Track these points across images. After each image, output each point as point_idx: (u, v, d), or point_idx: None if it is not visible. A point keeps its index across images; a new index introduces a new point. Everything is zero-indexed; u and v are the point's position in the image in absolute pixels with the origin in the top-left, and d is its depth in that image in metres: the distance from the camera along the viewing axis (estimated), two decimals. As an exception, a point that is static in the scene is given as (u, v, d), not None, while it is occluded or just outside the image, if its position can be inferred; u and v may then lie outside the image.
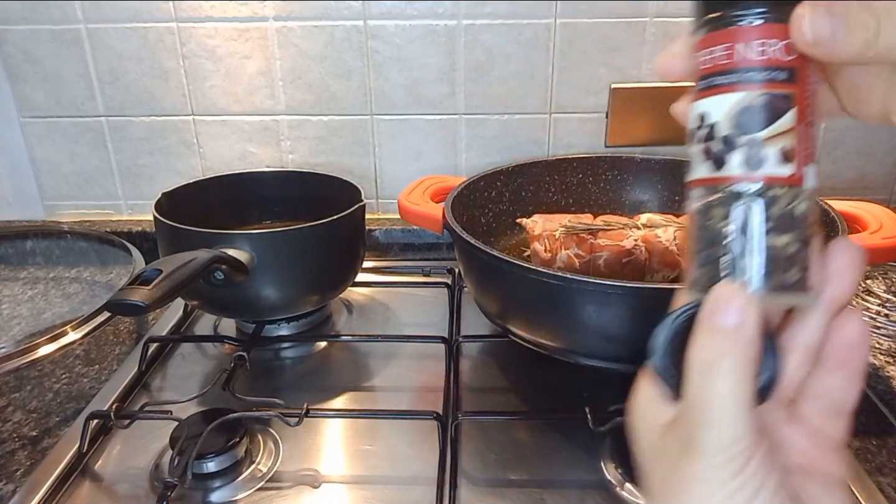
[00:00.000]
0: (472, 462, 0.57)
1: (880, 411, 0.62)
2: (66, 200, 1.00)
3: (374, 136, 0.95)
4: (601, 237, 0.66)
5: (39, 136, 0.96)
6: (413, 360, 0.72)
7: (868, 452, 0.57)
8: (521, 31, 0.88)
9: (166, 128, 0.95)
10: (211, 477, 0.55)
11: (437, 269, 0.89)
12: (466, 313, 0.79)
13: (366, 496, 0.54)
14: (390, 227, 0.96)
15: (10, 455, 0.58)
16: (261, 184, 0.86)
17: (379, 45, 0.90)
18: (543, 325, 0.59)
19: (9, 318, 0.80)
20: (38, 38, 0.90)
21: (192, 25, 0.89)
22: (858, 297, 0.80)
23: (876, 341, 0.73)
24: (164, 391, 0.68)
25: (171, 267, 0.54)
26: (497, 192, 0.80)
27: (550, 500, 0.53)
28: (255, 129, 0.95)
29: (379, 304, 0.84)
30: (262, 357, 0.73)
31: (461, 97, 0.92)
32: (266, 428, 0.61)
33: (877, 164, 0.96)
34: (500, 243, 0.80)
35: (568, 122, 0.94)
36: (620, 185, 0.85)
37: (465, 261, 0.66)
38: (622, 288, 0.52)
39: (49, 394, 0.66)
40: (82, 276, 0.90)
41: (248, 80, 0.92)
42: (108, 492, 0.55)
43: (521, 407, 0.65)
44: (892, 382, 0.66)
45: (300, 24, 0.89)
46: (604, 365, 0.57)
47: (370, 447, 0.59)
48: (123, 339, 0.77)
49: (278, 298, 0.69)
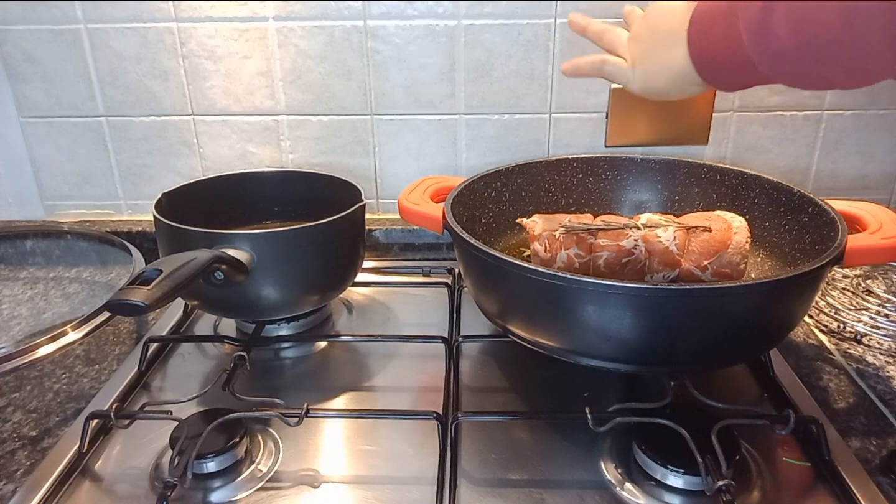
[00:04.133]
0: (472, 462, 0.57)
1: (880, 411, 0.62)
2: (66, 200, 1.00)
3: (374, 136, 0.95)
4: (601, 237, 0.66)
5: (39, 136, 0.95)
6: (413, 360, 0.72)
7: (868, 452, 0.57)
8: (521, 31, 0.88)
9: (166, 128, 0.95)
10: (211, 477, 0.55)
11: (437, 269, 0.89)
12: (466, 313, 0.79)
13: (366, 496, 0.54)
14: (390, 227, 0.96)
15: (10, 455, 0.58)
16: (261, 184, 0.86)
17: (379, 45, 0.89)
18: (543, 325, 0.59)
19: (9, 318, 0.80)
20: (38, 38, 0.90)
21: (192, 25, 0.89)
22: (858, 297, 0.80)
23: (876, 341, 0.73)
24: (164, 391, 0.68)
25: (171, 267, 0.54)
26: (497, 192, 0.80)
27: (550, 500, 0.53)
28: (255, 129, 0.95)
29: (379, 304, 0.84)
30: (262, 357, 0.73)
31: (461, 97, 0.92)
32: (266, 428, 0.61)
33: (877, 164, 0.96)
34: (500, 243, 0.80)
35: (568, 122, 0.94)
36: (620, 185, 0.85)
37: (465, 261, 0.66)
38: (622, 288, 0.52)
39: (49, 394, 0.66)
40: (82, 276, 0.90)
41: (248, 80, 0.92)
42: (108, 492, 0.55)
43: (521, 407, 0.65)
44: (892, 382, 0.66)
45: (300, 24, 0.89)
46: (604, 365, 0.57)
47: (370, 447, 0.59)
48: (123, 339, 0.77)
49: (278, 298, 0.69)
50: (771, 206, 0.74)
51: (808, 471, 0.56)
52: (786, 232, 0.72)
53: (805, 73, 0.47)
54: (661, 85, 0.57)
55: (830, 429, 0.59)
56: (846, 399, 0.64)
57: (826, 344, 0.73)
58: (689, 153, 0.94)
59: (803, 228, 0.69)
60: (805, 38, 0.44)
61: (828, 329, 0.75)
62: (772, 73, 0.48)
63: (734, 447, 0.53)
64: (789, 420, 0.55)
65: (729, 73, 0.52)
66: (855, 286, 0.83)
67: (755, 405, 0.64)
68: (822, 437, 0.56)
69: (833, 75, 0.46)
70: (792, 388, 0.64)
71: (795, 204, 0.71)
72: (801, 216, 0.69)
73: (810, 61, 0.45)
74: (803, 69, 0.46)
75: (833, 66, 0.45)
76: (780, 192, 0.73)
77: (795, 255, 0.69)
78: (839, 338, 0.74)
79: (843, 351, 0.71)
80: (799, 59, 0.45)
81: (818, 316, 0.78)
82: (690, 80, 0.54)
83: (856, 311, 0.77)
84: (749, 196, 0.77)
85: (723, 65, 0.51)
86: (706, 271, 0.66)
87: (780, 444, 0.58)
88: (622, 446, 0.58)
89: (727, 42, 0.49)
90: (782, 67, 0.47)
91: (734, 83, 0.54)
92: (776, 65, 0.47)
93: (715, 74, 0.53)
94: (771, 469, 0.56)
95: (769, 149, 0.95)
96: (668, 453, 0.53)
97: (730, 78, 0.53)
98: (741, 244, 0.66)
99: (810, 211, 0.68)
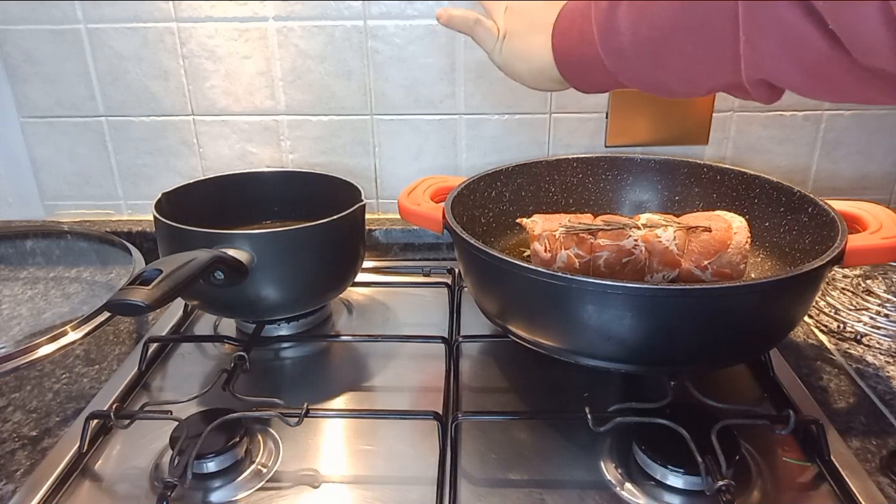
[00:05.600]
0: (472, 462, 0.57)
1: (880, 411, 0.62)
2: (66, 200, 1.00)
3: (374, 136, 0.95)
4: (601, 237, 0.66)
5: (39, 136, 0.96)
6: (413, 360, 0.72)
7: (868, 452, 0.57)
8: (521, 31, 0.88)
9: (166, 128, 0.95)
10: (211, 477, 0.55)
11: (437, 269, 0.89)
12: (466, 313, 0.79)
13: (366, 496, 0.54)
14: (390, 227, 0.96)
15: (10, 455, 0.58)
16: (261, 184, 0.86)
17: (379, 45, 0.89)
18: (543, 325, 0.59)
19: (9, 318, 0.80)
20: (38, 38, 0.90)
21: (192, 25, 0.89)
22: (858, 297, 0.80)
23: (876, 341, 0.73)
24: (164, 391, 0.68)
25: (171, 267, 0.54)
26: (497, 192, 0.80)
27: (550, 500, 0.53)
28: (255, 129, 0.95)
29: (379, 304, 0.84)
30: (262, 357, 0.73)
31: (461, 97, 0.92)
32: (266, 428, 0.61)
33: (877, 164, 0.96)
34: (500, 243, 0.80)
35: (568, 122, 0.94)
36: (620, 185, 0.85)
37: (465, 261, 0.66)
38: (622, 288, 0.52)
39: (49, 394, 0.66)
40: (82, 276, 0.90)
41: (248, 80, 0.92)
42: (108, 492, 0.55)
43: (521, 407, 0.65)
44: (892, 382, 0.66)
45: (300, 24, 0.89)
46: (604, 365, 0.57)
47: (370, 447, 0.59)
48: (123, 339, 0.77)
49: (278, 298, 0.69)
50: (771, 206, 0.74)
51: (808, 471, 0.56)
52: (786, 232, 0.72)
53: (643, 75, 0.48)
54: (520, 69, 0.58)
55: (830, 429, 0.59)
56: (846, 399, 0.64)
57: (826, 344, 0.73)
58: (689, 153, 0.94)
59: (803, 228, 0.69)
60: (640, 37, 0.45)
61: (828, 329, 0.75)
62: (615, 72, 0.49)
63: (734, 447, 0.53)
64: (789, 420, 0.55)
65: (584, 70, 0.53)
66: (855, 286, 0.83)
67: (755, 405, 0.64)
68: (822, 437, 0.56)
69: (668, 79, 0.47)
70: (792, 388, 0.64)
71: (795, 204, 0.71)
72: (801, 216, 0.69)
73: (647, 63, 0.46)
74: (641, 70, 0.47)
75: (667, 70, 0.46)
76: (780, 192, 0.73)
77: (795, 255, 0.69)
78: (839, 338, 0.74)
79: (843, 351, 0.71)
80: (637, 59, 0.46)
81: (818, 316, 0.78)
82: (550, 76, 0.56)
83: (856, 311, 0.77)
84: (749, 196, 0.77)
85: (578, 60, 0.52)
86: (706, 271, 0.66)
87: (780, 444, 0.58)
88: (622, 446, 0.58)
89: (582, 37, 0.50)
90: (623, 66, 0.48)
91: (588, 82, 0.54)
92: (618, 64, 0.48)
93: (571, 70, 0.54)
94: (771, 469, 0.56)
95: (769, 149, 0.95)
96: (668, 453, 0.53)
97: (584, 75, 0.53)
98: (741, 244, 0.66)
99: (810, 211, 0.68)
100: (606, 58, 0.48)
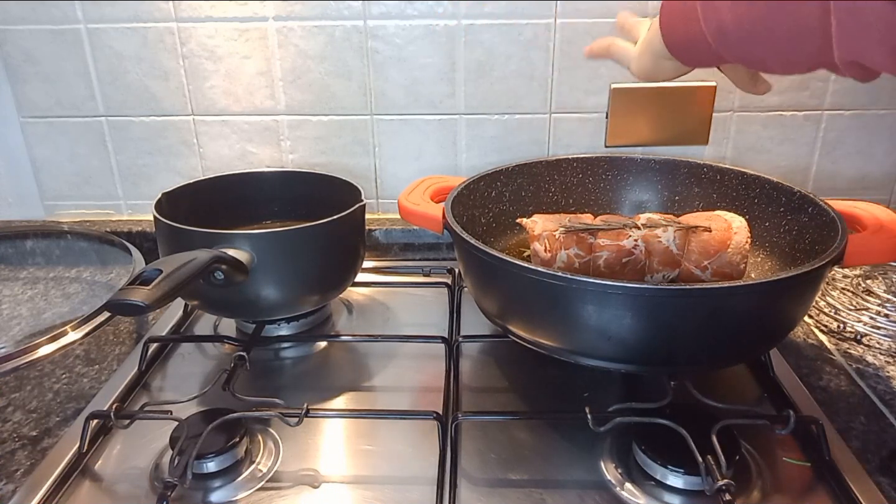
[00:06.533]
0: (472, 462, 0.57)
1: (880, 411, 0.62)
2: (66, 200, 1.00)
3: (374, 136, 0.95)
4: (601, 237, 0.66)
5: (39, 136, 0.96)
6: (413, 360, 0.72)
7: (868, 452, 0.57)
8: (521, 31, 0.88)
9: (166, 128, 0.95)
10: (211, 477, 0.55)
11: (437, 269, 0.89)
12: (466, 313, 0.79)
13: (366, 496, 0.54)
14: (390, 227, 0.96)
15: (10, 455, 0.58)
16: (261, 184, 0.86)
17: (379, 45, 0.89)
18: (543, 325, 0.59)
19: (9, 318, 0.80)
20: (38, 38, 0.90)
21: (192, 25, 0.89)
22: (858, 297, 0.80)
23: (876, 341, 0.73)
24: (164, 391, 0.68)
25: (171, 267, 0.54)
26: (497, 192, 0.80)
27: (550, 500, 0.53)
28: (255, 129, 0.95)
29: (379, 304, 0.84)
30: (262, 357, 0.73)
31: (461, 97, 0.92)
32: (266, 428, 0.61)
33: (877, 164, 0.96)
34: (500, 243, 0.80)
35: (568, 122, 0.94)
36: (620, 185, 0.85)
37: (465, 261, 0.66)
38: (622, 288, 0.52)
39: (49, 394, 0.66)
40: (82, 276, 0.90)
41: (248, 80, 0.92)
42: (108, 492, 0.55)
43: (521, 407, 0.65)
44: (892, 382, 0.66)
45: (300, 24, 0.89)
46: (604, 365, 0.57)
47: (370, 447, 0.59)
48: (123, 339, 0.77)
49: (278, 298, 0.69)
50: (771, 206, 0.74)
51: (808, 471, 0.56)
52: (786, 232, 0.72)
53: (743, 53, 0.49)
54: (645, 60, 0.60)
55: (830, 429, 0.59)
56: (846, 399, 0.64)
57: (826, 344, 0.73)
58: (689, 153, 0.94)
59: (803, 228, 0.69)
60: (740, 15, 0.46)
61: (828, 329, 0.75)
62: (718, 49, 0.50)
63: (734, 447, 0.53)
64: (789, 420, 0.55)
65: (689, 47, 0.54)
66: (855, 286, 0.83)
67: (755, 405, 0.64)
68: (822, 437, 0.56)
69: (766, 57, 0.48)
70: (792, 388, 0.64)
71: (795, 204, 0.71)
72: (801, 216, 0.69)
73: (746, 41, 0.47)
74: (741, 48, 0.49)
75: (765, 48, 0.47)
76: (780, 192, 0.73)
77: (795, 255, 0.70)
78: (839, 338, 0.74)
79: (843, 351, 0.71)
80: (737, 37, 0.48)
81: (818, 316, 0.78)
82: (660, 52, 0.57)
83: (856, 311, 0.77)
84: (749, 196, 0.77)
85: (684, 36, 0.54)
86: (706, 271, 0.66)
87: (780, 444, 0.58)
88: (622, 446, 0.58)
89: (686, 14, 0.52)
90: (725, 44, 0.49)
91: (695, 58, 0.56)
92: (720, 41, 0.49)
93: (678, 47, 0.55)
94: (771, 469, 0.56)
95: (769, 149, 0.95)
96: (668, 453, 0.53)
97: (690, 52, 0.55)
98: (741, 244, 0.66)
99: (810, 211, 0.68)
100: (709, 34, 0.50)
